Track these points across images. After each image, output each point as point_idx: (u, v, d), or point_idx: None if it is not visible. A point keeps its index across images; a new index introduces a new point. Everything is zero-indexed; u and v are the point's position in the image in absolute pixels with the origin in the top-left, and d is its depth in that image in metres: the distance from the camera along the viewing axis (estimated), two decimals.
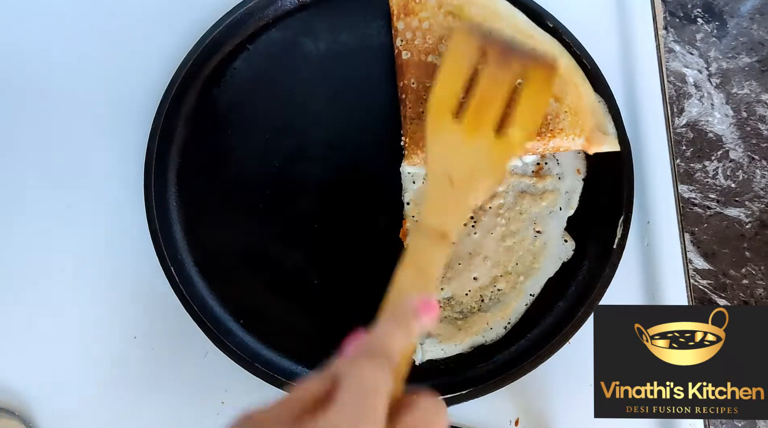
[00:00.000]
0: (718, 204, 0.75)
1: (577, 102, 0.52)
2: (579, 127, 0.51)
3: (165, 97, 0.53)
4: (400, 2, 0.55)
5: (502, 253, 0.51)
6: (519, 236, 0.51)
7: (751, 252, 0.74)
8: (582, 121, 0.51)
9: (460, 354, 0.49)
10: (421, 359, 0.49)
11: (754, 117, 0.77)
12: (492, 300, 0.50)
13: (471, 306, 0.50)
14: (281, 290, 0.51)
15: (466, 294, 0.50)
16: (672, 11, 0.79)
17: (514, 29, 0.54)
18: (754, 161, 0.76)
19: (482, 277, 0.50)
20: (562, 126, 0.51)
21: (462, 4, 0.55)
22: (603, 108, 0.53)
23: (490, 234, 0.51)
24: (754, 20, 0.79)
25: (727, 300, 0.73)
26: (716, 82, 0.77)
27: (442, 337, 0.49)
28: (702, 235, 0.74)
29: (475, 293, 0.50)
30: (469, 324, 0.49)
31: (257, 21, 0.57)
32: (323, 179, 0.53)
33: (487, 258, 0.50)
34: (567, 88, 0.52)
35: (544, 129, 0.50)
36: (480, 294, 0.50)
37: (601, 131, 0.52)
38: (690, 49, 0.78)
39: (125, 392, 0.51)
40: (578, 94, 0.52)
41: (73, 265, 0.54)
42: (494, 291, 0.50)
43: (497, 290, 0.50)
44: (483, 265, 0.50)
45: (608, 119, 0.52)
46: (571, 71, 0.53)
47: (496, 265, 0.50)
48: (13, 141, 0.58)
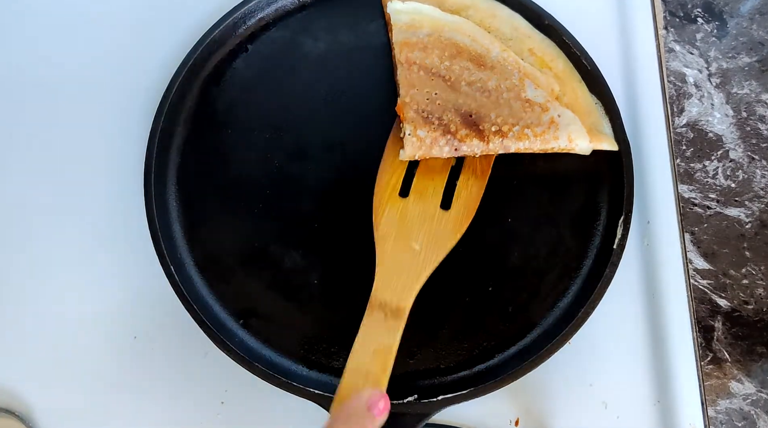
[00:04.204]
0: (718, 204, 0.75)
1: (573, 102, 0.52)
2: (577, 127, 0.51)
3: (165, 97, 0.53)
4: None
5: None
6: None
7: (751, 252, 0.74)
8: (580, 125, 0.51)
9: (460, 354, 0.49)
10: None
11: (754, 117, 0.77)
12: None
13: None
14: (281, 290, 0.51)
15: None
16: (672, 11, 0.79)
17: (513, 29, 0.54)
18: (754, 161, 0.76)
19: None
20: (560, 127, 0.50)
21: (459, 8, 0.55)
22: (600, 109, 0.53)
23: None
24: (754, 20, 0.79)
25: (727, 300, 0.73)
26: (716, 82, 0.77)
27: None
28: (702, 235, 0.74)
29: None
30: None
31: (257, 21, 0.57)
32: (323, 179, 0.53)
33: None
34: (564, 88, 0.52)
35: (543, 129, 0.50)
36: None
37: (599, 130, 0.52)
38: (690, 49, 0.78)
39: (125, 392, 0.51)
40: (575, 94, 0.52)
41: (72, 265, 0.54)
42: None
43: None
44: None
45: (605, 120, 0.52)
46: (567, 74, 0.53)
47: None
48: (13, 141, 0.58)
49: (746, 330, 0.73)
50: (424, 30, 0.53)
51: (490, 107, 0.50)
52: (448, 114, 0.50)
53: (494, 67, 0.51)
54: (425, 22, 0.53)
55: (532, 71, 0.52)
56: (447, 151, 0.49)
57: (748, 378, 0.72)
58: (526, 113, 0.50)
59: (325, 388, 0.47)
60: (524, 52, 0.54)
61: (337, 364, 0.49)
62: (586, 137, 0.50)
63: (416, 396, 0.47)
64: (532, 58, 0.54)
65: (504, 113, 0.50)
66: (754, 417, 0.72)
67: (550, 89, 0.51)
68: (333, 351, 0.50)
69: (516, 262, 0.51)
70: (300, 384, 0.47)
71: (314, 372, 0.49)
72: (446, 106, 0.50)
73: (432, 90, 0.50)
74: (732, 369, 0.72)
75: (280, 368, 0.49)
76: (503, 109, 0.50)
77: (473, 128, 0.49)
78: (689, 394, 0.50)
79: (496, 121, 0.49)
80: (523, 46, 0.54)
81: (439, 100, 0.50)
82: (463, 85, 0.50)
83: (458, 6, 0.55)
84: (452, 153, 0.49)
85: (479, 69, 0.51)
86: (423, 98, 0.50)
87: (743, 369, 0.72)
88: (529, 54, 0.54)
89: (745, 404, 0.72)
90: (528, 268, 0.51)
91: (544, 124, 0.50)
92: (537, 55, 0.54)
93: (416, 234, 0.48)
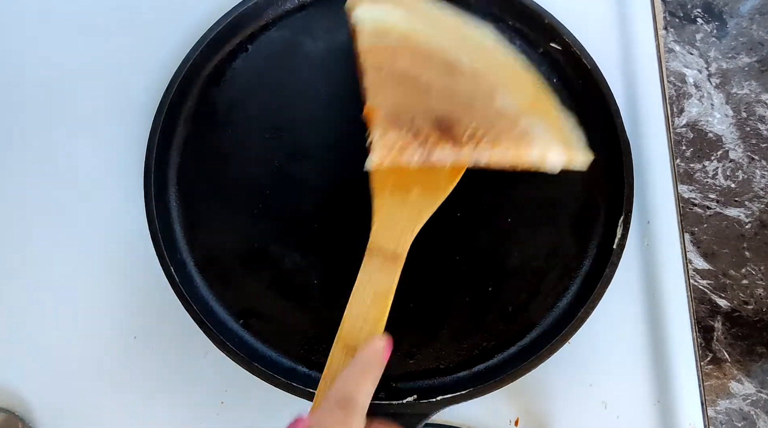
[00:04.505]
0: (718, 204, 0.75)
1: (546, 114, 0.50)
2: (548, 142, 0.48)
3: (165, 97, 0.53)
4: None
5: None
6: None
7: (751, 252, 0.74)
8: (551, 136, 0.48)
9: (460, 354, 0.49)
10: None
11: (754, 117, 0.77)
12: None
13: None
14: (281, 290, 0.51)
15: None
16: (672, 11, 0.79)
17: (482, 47, 0.52)
18: (754, 161, 0.76)
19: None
20: (532, 138, 0.47)
21: (428, 22, 0.52)
22: (573, 121, 0.50)
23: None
24: (753, 20, 0.79)
25: (727, 300, 0.73)
26: (716, 82, 0.77)
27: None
28: (702, 235, 0.74)
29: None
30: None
31: (257, 21, 0.57)
32: (323, 179, 0.53)
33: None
34: (536, 102, 0.50)
35: (516, 139, 0.47)
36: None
37: (571, 143, 0.49)
38: (690, 49, 0.78)
39: (125, 392, 0.51)
40: (547, 106, 0.50)
41: (72, 265, 0.54)
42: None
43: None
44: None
45: (578, 133, 0.50)
46: (538, 86, 0.51)
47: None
48: (13, 141, 0.58)
49: (746, 330, 0.73)
50: (391, 37, 0.50)
51: (462, 112, 0.47)
52: (419, 117, 0.47)
53: (465, 73, 0.49)
54: (392, 31, 0.50)
55: (503, 81, 0.50)
56: (418, 157, 0.46)
57: (748, 378, 0.72)
58: (499, 121, 0.47)
59: None
60: (494, 66, 0.52)
61: None
62: (559, 150, 0.48)
63: (416, 397, 0.47)
64: (502, 71, 0.52)
65: (477, 118, 0.47)
66: (754, 417, 0.72)
67: (521, 100, 0.49)
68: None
69: (516, 262, 0.51)
70: (300, 384, 0.47)
71: (314, 372, 0.49)
72: (417, 109, 0.47)
73: (402, 92, 0.48)
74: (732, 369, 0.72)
75: (280, 368, 0.49)
76: (476, 114, 0.47)
77: (445, 132, 0.46)
78: (689, 394, 0.50)
79: (469, 125, 0.47)
80: (492, 59, 0.52)
81: (409, 103, 0.47)
82: (434, 89, 0.48)
83: (427, 19, 0.53)
84: (422, 160, 0.46)
85: (450, 75, 0.48)
86: (392, 101, 0.47)
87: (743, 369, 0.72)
88: (499, 67, 0.52)
89: (745, 404, 0.72)
90: (528, 268, 0.51)
91: (517, 134, 0.47)
92: (506, 68, 0.52)
93: (413, 182, 0.47)
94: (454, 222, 0.52)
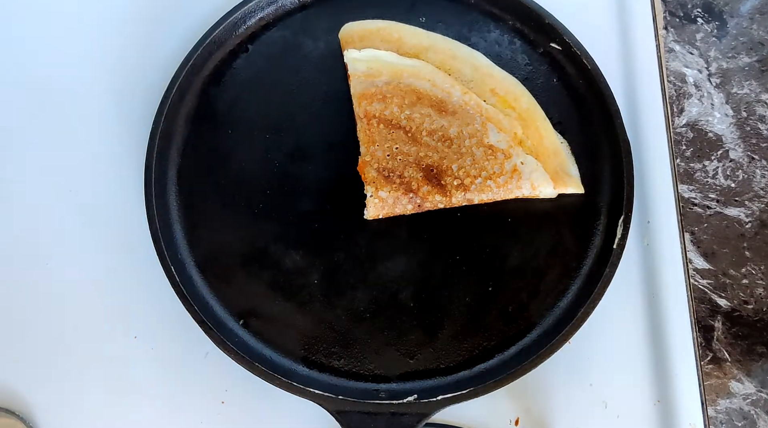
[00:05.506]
0: (718, 204, 0.75)
1: (538, 145, 0.52)
2: (541, 172, 0.51)
3: (165, 97, 0.53)
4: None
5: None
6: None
7: (751, 251, 0.74)
8: (544, 164, 0.51)
9: (460, 354, 0.49)
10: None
11: (754, 116, 0.77)
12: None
13: None
14: (281, 290, 0.51)
15: None
16: (672, 11, 0.79)
17: (474, 69, 0.54)
18: (754, 161, 0.76)
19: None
20: (522, 175, 0.50)
21: (418, 51, 0.54)
22: (566, 149, 0.52)
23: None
24: (754, 20, 0.79)
25: (726, 299, 0.73)
26: (716, 82, 0.77)
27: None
28: (702, 235, 0.74)
29: None
30: None
31: (257, 21, 0.57)
32: (323, 179, 0.53)
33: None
34: (528, 131, 0.52)
35: (506, 179, 0.50)
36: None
37: (565, 172, 0.51)
38: (690, 49, 0.78)
39: (125, 392, 0.51)
40: (539, 136, 0.52)
41: (73, 265, 0.54)
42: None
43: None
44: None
45: (571, 160, 0.52)
46: (532, 112, 0.53)
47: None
48: (14, 141, 0.58)
49: (746, 330, 0.73)
50: (382, 78, 0.53)
51: (452, 158, 0.51)
52: (410, 170, 0.51)
53: (456, 112, 0.51)
54: (383, 69, 0.53)
55: (495, 114, 0.52)
56: (410, 208, 0.51)
57: (748, 378, 0.72)
58: (489, 161, 0.50)
59: (325, 388, 0.47)
60: (486, 92, 0.53)
61: (337, 364, 0.49)
62: (550, 183, 0.50)
63: (416, 396, 0.47)
64: (495, 99, 0.53)
65: (466, 164, 0.50)
66: (754, 417, 0.72)
67: (513, 133, 0.51)
68: (333, 351, 0.50)
69: (516, 262, 0.51)
70: (300, 384, 0.47)
71: (314, 372, 0.49)
72: (407, 161, 0.51)
73: (393, 144, 0.51)
74: (732, 368, 0.72)
75: (280, 368, 0.49)
76: (465, 159, 0.50)
77: (435, 184, 0.50)
78: (689, 394, 0.50)
79: (458, 174, 0.50)
80: (485, 86, 0.53)
81: (400, 154, 0.51)
82: (425, 135, 0.51)
83: (417, 49, 0.54)
84: (415, 209, 0.51)
85: (440, 115, 0.51)
86: (384, 155, 0.51)
87: (743, 369, 0.72)
88: (492, 94, 0.53)
89: (745, 404, 0.72)
90: (528, 268, 0.51)
91: (507, 172, 0.50)
92: (500, 95, 0.53)
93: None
94: (454, 222, 0.52)
